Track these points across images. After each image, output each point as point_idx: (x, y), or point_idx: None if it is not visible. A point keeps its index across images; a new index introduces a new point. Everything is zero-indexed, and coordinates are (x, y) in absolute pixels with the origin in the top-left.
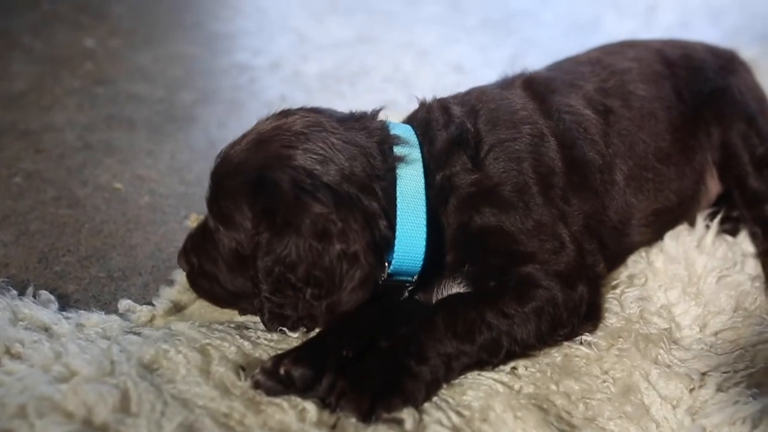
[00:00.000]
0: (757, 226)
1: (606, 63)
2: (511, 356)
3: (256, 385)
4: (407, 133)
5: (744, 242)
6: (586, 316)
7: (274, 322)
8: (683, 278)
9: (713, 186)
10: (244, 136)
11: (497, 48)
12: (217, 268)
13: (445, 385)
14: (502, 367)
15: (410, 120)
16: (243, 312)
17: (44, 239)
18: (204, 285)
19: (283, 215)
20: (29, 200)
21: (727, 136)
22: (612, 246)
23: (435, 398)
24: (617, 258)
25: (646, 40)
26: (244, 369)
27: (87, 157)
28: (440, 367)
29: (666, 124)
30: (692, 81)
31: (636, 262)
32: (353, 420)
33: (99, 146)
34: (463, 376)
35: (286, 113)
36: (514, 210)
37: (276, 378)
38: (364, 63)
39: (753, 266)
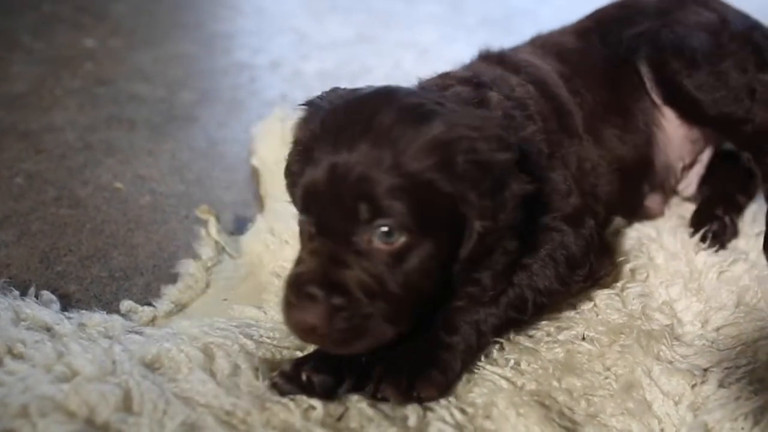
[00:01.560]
0: (744, 150)
1: (544, 34)
2: (539, 308)
3: (273, 386)
4: None
5: (741, 239)
6: (601, 252)
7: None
8: (684, 274)
9: (673, 129)
10: (335, 129)
11: (497, 46)
12: (382, 286)
13: (480, 353)
14: (505, 362)
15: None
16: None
17: (45, 239)
18: (355, 325)
19: (478, 158)
20: (30, 201)
21: (661, 73)
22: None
23: None
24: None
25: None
26: (258, 369)
27: (88, 158)
28: (471, 334)
29: (601, 74)
30: (622, 28)
31: (637, 257)
32: (358, 412)
33: (99, 146)
34: (467, 372)
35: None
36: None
37: (296, 383)
38: (365, 62)
39: (753, 259)
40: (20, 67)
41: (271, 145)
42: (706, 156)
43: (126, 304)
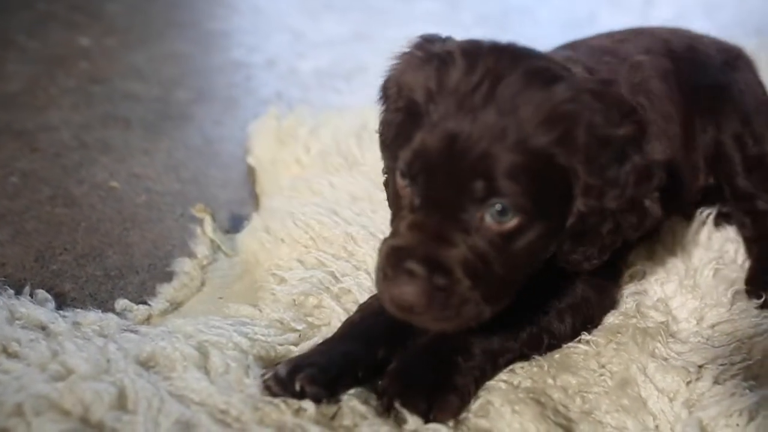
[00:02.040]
0: (746, 217)
1: (621, 53)
2: (549, 349)
3: (266, 389)
4: None
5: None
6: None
7: (579, 261)
8: (680, 271)
9: (701, 179)
10: (456, 92)
11: None
12: (491, 267)
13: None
14: None
15: None
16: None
17: (40, 238)
18: (454, 305)
19: (599, 131)
20: (25, 199)
21: (721, 133)
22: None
23: None
24: None
25: (653, 27)
26: (250, 368)
27: (83, 156)
28: (486, 363)
29: (678, 124)
30: (694, 75)
31: (634, 255)
32: (351, 410)
33: (95, 145)
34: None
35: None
36: None
37: (289, 390)
38: (360, 59)
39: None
40: (15, 66)
41: (267, 144)
42: None
43: (121, 303)
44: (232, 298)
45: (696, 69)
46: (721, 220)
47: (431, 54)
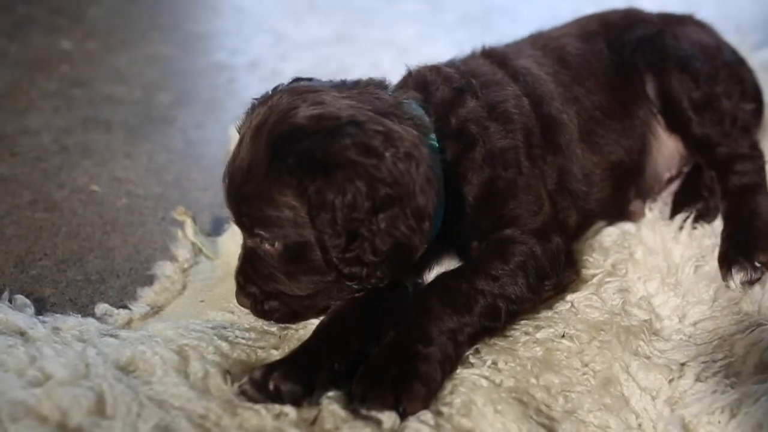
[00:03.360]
0: (711, 169)
1: (544, 34)
2: (512, 316)
3: (242, 394)
4: (411, 95)
5: (718, 230)
6: (566, 265)
7: (357, 278)
8: (662, 269)
9: (667, 140)
10: (237, 144)
11: (476, 44)
12: (278, 283)
13: (459, 361)
14: (483, 361)
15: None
16: (322, 306)
17: (20, 243)
18: (274, 307)
19: (318, 157)
20: (5, 204)
21: (663, 82)
22: (580, 201)
23: None
24: (585, 216)
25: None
26: (229, 373)
27: (63, 160)
28: (448, 344)
29: (603, 79)
30: (625, 33)
31: (617, 253)
32: (332, 414)
33: (75, 149)
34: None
35: (266, 97)
36: (514, 172)
37: (264, 392)
38: (343, 61)
39: None
40: None
41: None
42: (686, 169)
43: (101, 308)
44: (213, 301)
45: (628, 29)
46: (698, 220)
47: (253, 103)
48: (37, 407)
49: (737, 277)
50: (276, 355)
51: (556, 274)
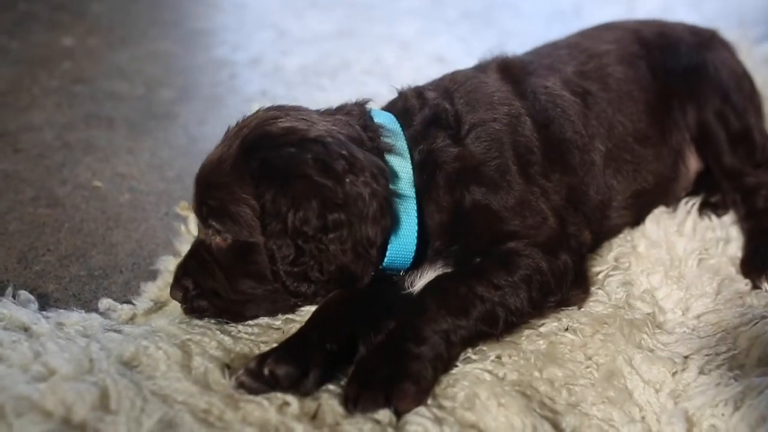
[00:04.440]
0: (736, 194)
1: (584, 46)
2: (510, 326)
3: (240, 386)
4: (390, 121)
5: (723, 224)
6: (574, 283)
7: (301, 293)
8: (665, 262)
9: (692, 164)
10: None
11: (478, 39)
12: (215, 281)
13: (453, 362)
14: (486, 355)
15: (389, 110)
16: (250, 317)
17: (24, 239)
18: (202, 305)
19: (280, 166)
20: (8, 201)
21: (703, 113)
22: (595, 225)
23: None
24: (598, 239)
25: (624, 21)
26: (229, 367)
27: (66, 156)
28: (440, 344)
29: (643, 105)
30: (667, 59)
31: (620, 246)
32: (331, 409)
33: (78, 145)
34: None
35: (250, 117)
36: (498, 188)
37: (261, 379)
38: (345, 56)
39: (733, 248)
40: None
41: None
42: None
43: (105, 303)
44: None
45: (669, 53)
46: (707, 209)
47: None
48: (41, 402)
49: None
50: None
51: (561, 292)
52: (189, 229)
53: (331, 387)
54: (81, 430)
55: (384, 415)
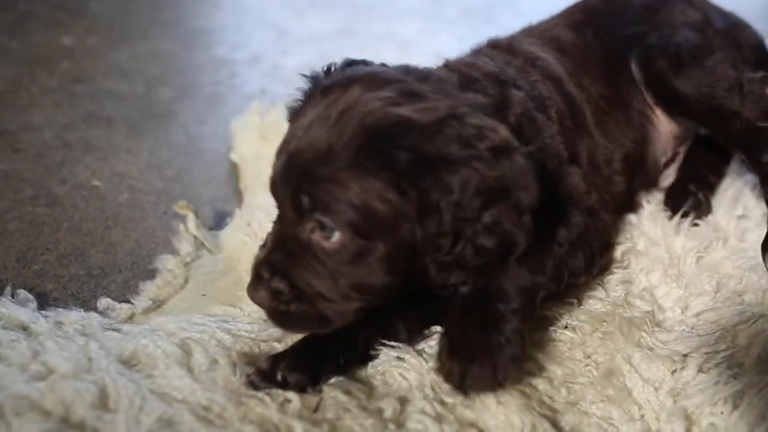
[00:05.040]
0: (738, 151)
1: (534, 27)
2: (567, 288)
3: (250, 384)
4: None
5: (720, 222)
6: (608, 246)
7: (449, 284)
8: (664, 260)
9: (663, 126)
10: (301, 126)
11: (478, 38)
12: (321, 281)
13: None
14: None
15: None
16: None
17: (22, 238)
18: (304, 311)
19: (429, 154)
20: (7, 200)
21: (644, 52)
22: (604, 193)
23: (419, 387)
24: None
25: None
26: (236, 364)
27: (65, 156)
28: (527, 302)
29: (601, 69)
30: (614, 24)
31: (620, 244)
32: (334, 402)
33: (77, 144)
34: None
35: (331, 83)
36: (558, 160)
37: (272, 382)
38: (345, 56)
39: (732, 244)
40: None
41: (251, 141)
42: (683, 149)
43: (104, 302)
44: (215, 295)
45: (614, 18)
46: (695, 217)
47: (312, 87)
48: (40, 401)
49: None
50: (279, 347)
51: (601, 254)
52: (188, 228)
53: (332, 379)
54: (80, 429)
55: (386, 410)
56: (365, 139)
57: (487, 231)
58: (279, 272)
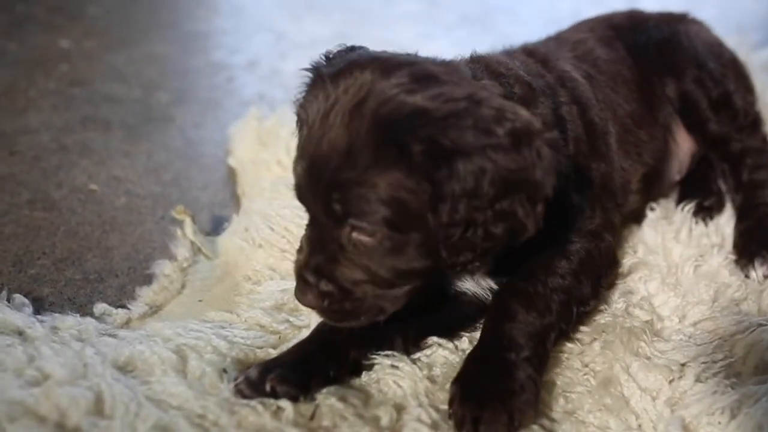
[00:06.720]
0: (724, 164)
1: (565, 38)
2: (579, 318)
3: (239, 393)
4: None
5: (719, 229)
6: (613, 264)
7: (458, 263)
8: (662, 269)
9: (683, 142)
10: (316, 125)
11: (475, 43)
12: (363, 276)
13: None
14: None
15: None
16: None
17: (19, 242)
18: (353, 306)
19: (445, 144)
20: (3, 203)
21: (682, 83)
22: (622, 208)
23: (413, 394)
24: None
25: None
26: (226, 371)
27: (62, 159)
28: (538, 347)
29: (632, 85)
30: (638, 36)
31: (625, 253)
32: (330, 410)
33: (74, 148)
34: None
35: (338, 70)
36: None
37: (260, 392)
38: None
39: (729, 252)
40: None
41: (249, 145)
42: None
43: (100, 307)
44: (212, 300)
45: (638, 30)
46: (702, 213)
47: (317, 76)
48: (35, 407)
49: (760, 270)
50: (274, 353)
51: (607, 274)
52: (185, 233)
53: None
54: None
55: (383, 417)
56: (382, 133)
57: (499, 218)
58: (324, 275)
